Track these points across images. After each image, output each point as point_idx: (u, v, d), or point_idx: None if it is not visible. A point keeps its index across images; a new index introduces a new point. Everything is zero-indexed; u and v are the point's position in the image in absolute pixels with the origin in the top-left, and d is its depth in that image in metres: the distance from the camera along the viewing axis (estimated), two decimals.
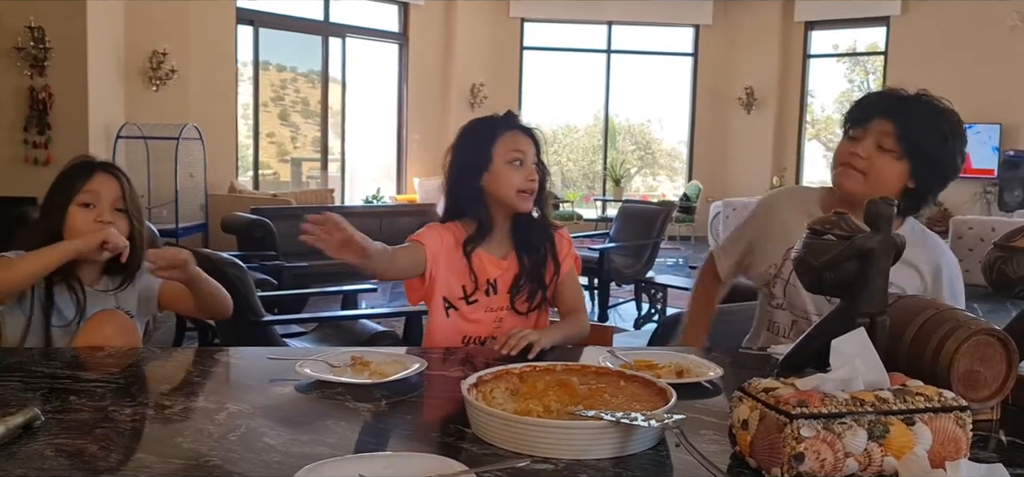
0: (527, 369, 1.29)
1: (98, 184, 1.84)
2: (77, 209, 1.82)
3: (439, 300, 1.89)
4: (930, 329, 1.23)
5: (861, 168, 1.77)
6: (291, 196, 8.28)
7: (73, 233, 1.81)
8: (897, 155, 1.75)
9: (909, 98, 1.79)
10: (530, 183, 1.87)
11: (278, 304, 4.34)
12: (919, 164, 1.76)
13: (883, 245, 1.20)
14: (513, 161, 1.87)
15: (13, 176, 6.45)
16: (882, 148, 1.76)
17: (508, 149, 1.87)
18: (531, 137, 1.92)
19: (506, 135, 1.89)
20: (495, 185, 1.87)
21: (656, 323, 5.59)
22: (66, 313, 1.81)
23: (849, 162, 1.79)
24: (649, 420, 1.06)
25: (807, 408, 0.99)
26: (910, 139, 1.74)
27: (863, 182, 1.77)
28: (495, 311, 1.91)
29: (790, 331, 1.88)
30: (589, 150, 13.93)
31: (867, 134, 1.77)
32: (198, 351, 1.69)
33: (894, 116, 1.75)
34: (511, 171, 1.86)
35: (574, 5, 11.39)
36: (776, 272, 1.91)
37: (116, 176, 1.89)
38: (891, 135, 1.74)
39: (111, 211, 1.84)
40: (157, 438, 1.17)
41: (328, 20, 9.93)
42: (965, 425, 1.03)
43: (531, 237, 1.94)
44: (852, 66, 12.41)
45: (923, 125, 1.74)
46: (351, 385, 1.38)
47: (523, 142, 1.89)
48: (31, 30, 6.61)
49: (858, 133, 1.79)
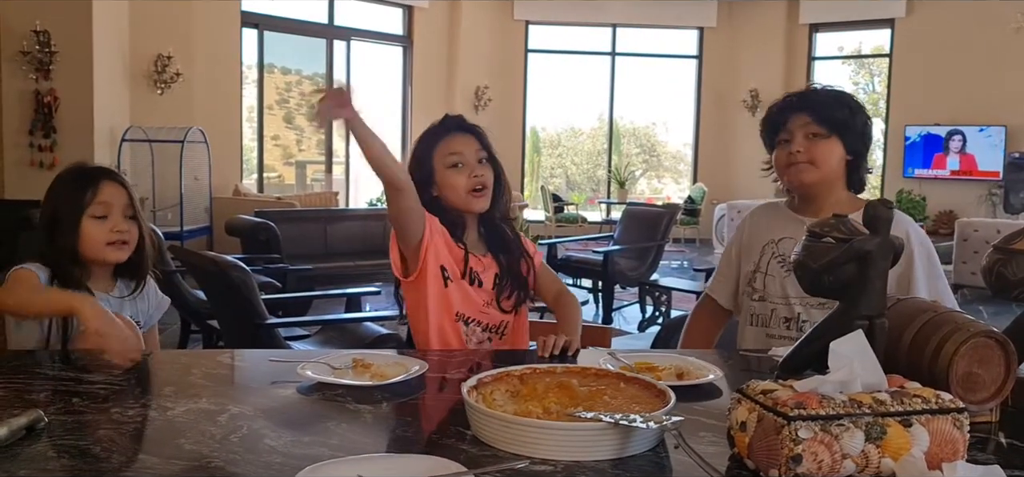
0: (527, 371, 1.30)
1: (108, 194, 1.85)
2: (90, 221, 1.82)
3: (437, 269, 1.84)
4: (929, 331, 1.24)
5: (806, 159, 1.90)
6: (295, 199, 8.31)
7: (89, 245, 1.82)
8: (825, 135, 1.90)
9: (809, 90, 2.00)
10: (475, 180, 1.86)
11: (282, 307, 4.35)
12: (846, 137, 1.91)
13: (881, 247, 1.21)
14: (452, 165, 1.86)
15: (19, 179, 6.49)
16: (812, 136, 1.90)
17: (444, 154, 1.88)
18: (472, 134, 1.91)
19: (442, 141, 1.89)
20: (444, 192, 1.88)
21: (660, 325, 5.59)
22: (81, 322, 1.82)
23: (792, 160, 1.92)
24: (648, 422, 1.07)
25: (805, 410, 0.99)
26: (829, 118, 1.89)
27: (813, 170, 1.91)
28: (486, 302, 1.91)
29: (770, 319, 1.96)
30: (593, 153, 13.94)
31: (793, 132, 1.92)
32: (200, 353, 1.70)
33: (806, 107, 1.92)
34: (453, 175, 1.86)
35: (578, 8, 11.40)
36: (755, 268, 2.01)
37: (122, 183, 1.90)
38: (812, 122, 1.90)
39: (123, 219, 1.85)
40: (159, 439, 1.18)
41: (332, 23, 9.96)
42: (962, 427, 1.03)
43: (503, 236, 1.94)
44: (857, 68, 12.39)
45: (832, 106, 1.91)
46: (352, 387, 1.39)
47: (459, 143, 1.88)
48: (37, 34, 6.65)
49: (785, 135, 1.94)
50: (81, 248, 1.82)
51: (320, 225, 7.11)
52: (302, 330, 3.85)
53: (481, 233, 1.94)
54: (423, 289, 1.85)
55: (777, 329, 1.93)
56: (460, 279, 1.86)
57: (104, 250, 1.83)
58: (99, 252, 1.83)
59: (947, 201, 9.88)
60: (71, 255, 1.82)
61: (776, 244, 1.97)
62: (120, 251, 1.85)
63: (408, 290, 1.89)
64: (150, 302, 1.96)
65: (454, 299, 1.86)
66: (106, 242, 1.82)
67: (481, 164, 1.89)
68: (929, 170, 10.09)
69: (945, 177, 9.96)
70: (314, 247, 6.75)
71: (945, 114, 9.78)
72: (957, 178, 9.98)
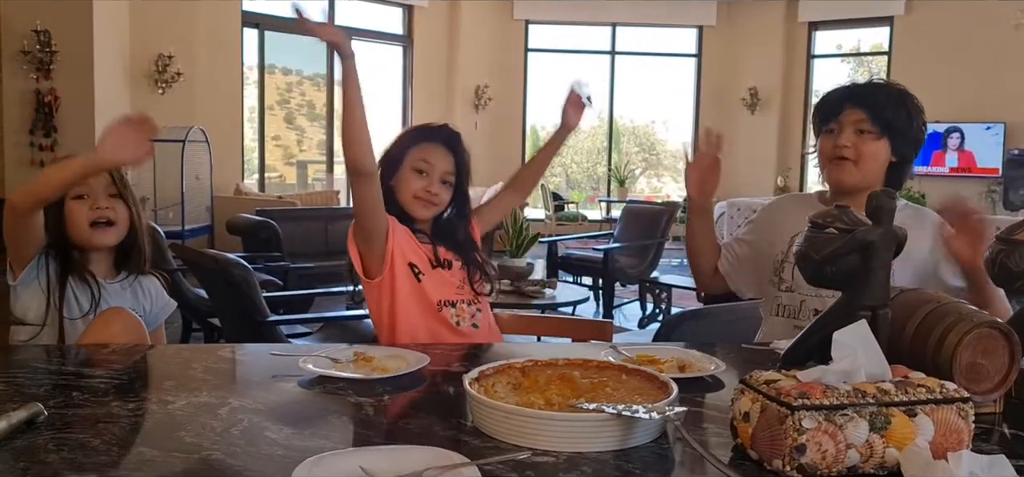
0: (529, 363, 1.29)
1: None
2: (73, 203, 1.84)
3: (405, 267, 1.85)
4: (932, 322, 1.23)
5: (851, 156, 1.88)
6: (297, 198, 8.30)
7: (74, 229, 1.84)
8: (876, 136, 1.88)
9: (872, 85, 1.94)
10: (427, 193, 1.88)
11: (283, 304, 4.35)
12: (896, 140, 1.89)
13: (884, 238, 1.20)
14: (417, 169, 1.89)
15: (19, 179, 6.47)
16: (861, 132, 1.88)
17: (417, 157, 1.90)
18: (454, 157, 1.92)
19: (423, 145, 1.92)
20: (397, 186, 1.90)
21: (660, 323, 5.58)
22: (83, 303, 1.82)
23: (838, 155, 1.89)
24: (650, 412, 1.06)
25: (809, 400, 0.98)
26: (883, 119, 1.87)
27: (855, 170, 1.89)
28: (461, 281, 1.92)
29: (799, 311, 1.93)
30: (593, 151, 13.93)
31: (843, 125, 1.89)
32: (201, 348, 1.69)
33: (863, 103, 1.88)
34: (412, 177, 1.89)
35: (578, 7, 11.40)
36: (783, 257, 1.97)
37: None
38: (866, 119, 1.87)
39: (105, 197, 1.85)
40: (159, 433, 1.17)
41: (333, 23, 9.92)
42: (967, 416, 1.03)
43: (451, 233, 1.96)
44: (856, 66, 12.37)
45: (890, 106, 1.88)
46: (354, 380, 1.39)
47: (436, 155, 1.90)
48: (37, 33, 6.64)
49: (834, 126, 1.92)
50: (69, 232, 1.83)
51: (321, 224, 7.11)
52: (303, 327, 3.85)
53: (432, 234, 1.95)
54: (391, 288, 1.84)
55: (806, 319, 1.88)
56: (432, 270, 1.87)
57: (88, 232, 1.84)
58: (84, 234, 1.84)
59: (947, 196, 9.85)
60: (65, 240, 1.84)
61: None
62: (105, 233, 1.85)
63: (373, 291, 1.87)
64: (155, 301, 1.95)
65: (430, 290, 1.86)
66: (88, 222, 1.83)
67: (443, 184, 1.91)
68: (928, 167, 10.08)
69: (944, 174, 9.95)
70: (315, 245, 6.74)
71: (944, 112, 9.76)
72: (956, 175, 9.97)
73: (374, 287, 1.85)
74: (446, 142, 1.93)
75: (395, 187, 1.90)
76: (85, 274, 1.84)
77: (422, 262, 1.87)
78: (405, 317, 1.84)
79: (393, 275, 1.84)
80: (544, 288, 4.75)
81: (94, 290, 1.83)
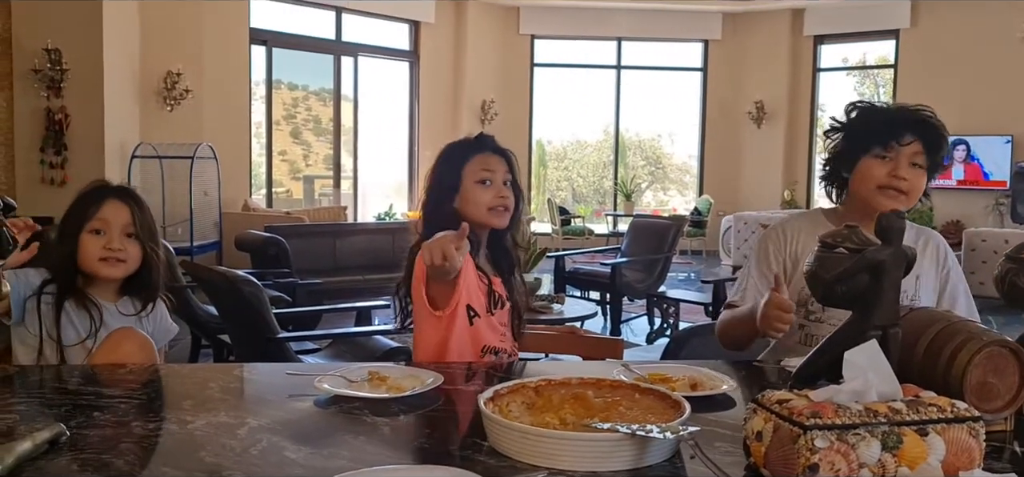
0: (542, 383, 1.31)
1: (108, 211, 1.88)
2: (88, 236, 1.86)
3: (462, 309, 1.84)
4: (942, 341, 1.24)
5: (906, 190, 1.83)
6: (304, 214, 8.34)
7: (85, 258, 1.86)
8: (923, 168, 1.85)
9: (929, 120, 1.87)
10: (500, 200, 1.89)
11: (292, 321, 4.36)
12: (932, 175, 1.87)
13: (894, 257, 1.21)
14: (481, 181, 1.89)
15: (30, 196, 6.53)
16: (914, 165, 1.84)
17: (477, 169, 1.90)
18: (503, 158, 1.94)
19: (476, 157, 1.92)
20: (465, 206, 1.89)
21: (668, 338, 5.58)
22: (80, 329, 1.84)
23: (894, 185, 1.82)
24: (665, 432, 1.08)
25: (821, 419, 1.00)
26: (935, 155, 1.84)
27: (905, 201, 1.84)
28: (503, 325, 1.93)
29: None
30: (599, 165, 13.95)
31: (900, 155, 1.82)
32: (217, 367, 1.72)
33: (923, 135, 1.83)
34: (479, 191, 1.89)
35: (584, 22, 11.45)
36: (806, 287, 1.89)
37: (126, 201, 1.91)
38: (921, 153, 1.83)
39: (121, 238, 1.87)
40: (180, 452, 1.19)
41: (340, 39, 10.02)
42: (978, 435, 1.04)
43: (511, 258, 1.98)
44: (862, 79, 12.39)
45: (941, 143, 1.86)
46: (369, 399, 1.40)
47: (493, 162, 1.92)
48: (48, 52, 6.71)
49: (890, 153, 1.83)
50: (79, 259, 1.87)
51: (329, 240, 7.14)
52: (313, 344, 3.86)
53: (488, 254, 1.97)
54: (450, 325, 1.83)
55: None
56: (486, 312, 1.88)
57: (97, 265, 1.87)
58: (92, 266, 1.87)
59: (954, 211, 9.86)
60: (71, 263, 1.86)
61: None
62: (114, 267, 1.88)
63: (430, 322, 1.84)
64: (157, 326, 1.97)
65: (483, 334, 1.87)
66: (98, 257, 1.86)
67: (506, 186, 1.92)
68: (935, 180, 10.06)
69: (951, 187, 9.94)
70: (323, 261, 6.77)
71: (951, 124, 9.63)
72: (963, 188, 9.96)
73: (433, 319, 1.82)
74: (493, 148, 1.95)
75: (461, 208, 1.89)
76: (86, 301, 1.86)
77: (478, 303, 1.87)
78: (456, 354, 1.83)
79: (455, 313, 1.82)
80: (552, 303, 4.77)
81: (94, 316, 1.85)
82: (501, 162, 1.93)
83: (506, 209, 1.90)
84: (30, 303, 1.83)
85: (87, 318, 1.84)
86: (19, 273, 1.84)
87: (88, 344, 1.81)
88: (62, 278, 1.86)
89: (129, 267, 1.89)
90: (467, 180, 1.90)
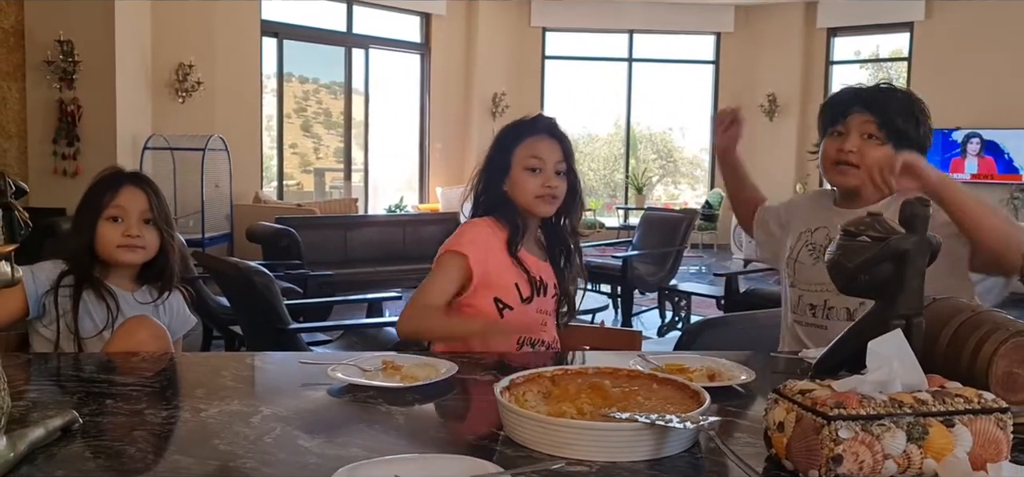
0: (559, 372, 1.29)
1: (125, 198, 1.87)
2: (106, 223, 1.86)
3: (490, 301, 1.82)
4: (967, 331, 1.22)
5: (855, 162, 1.87)
6: (315, 206, 8.35)
7: (103, 246, 1.86)
8: (881, 141, 1.86)
9: (881, 89, 1.93)
10: (547, 189, 1.84)
11: (303, 312, 4.36)
12: (902, 145, 1.84)
13: (918, 246, 1.19)
14: (530, 168, 1.84)
15: (43, 188, 6.55)
16: (867, 137, 1.87)
17: (526, 155, 1.85)
18: (558, 142, 1.88)
19: (527, 141, 1.87)
20: (513, 190, 1.86)
21: (680, 330, 5.56)
22: (97, 320, 1.83)
23: (842, 159, 1.89)
24: (684, 422, 1.06)
25: (845, 410, 0.98)
26: (891, 126, 1.86)
27: (858, 174, 1.87)
28: (544, 313, 1.88)
29: (797, 305, 1.96)
30: (610, 158, 13.90)
31: (850, 128, 1.88)
32: (229, 356, 1.71)
33: (872, 107, 1.87)
34: (527, 177, 1.84)
35: (595, 14, 11.40)
36: (790, 254, 2.01)
37: (143, 188, 1.91)
38: (873, 123, 1.86)
39: (139, 224, 1.87)
40: (193, 440, 1.18)
41: (351, 32, 10.01)
42: (1006, 427, 1.02)
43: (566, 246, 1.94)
44: (875, 72, 12.30)
45: (899, 112, 1.87)
46: (383, 389, 1.39)
47: (544, 148, 1.85)
48: (60, 44, 6.72)
49: (841, 128, 1.90)
50: (97, 247, 1.86)
51: (340, 231, 7.14)
52: (324, 335, 3.86)
53: (540, 239, 1.93)
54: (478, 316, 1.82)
55: (804, 316, 1.94)
56: (520, 303, 1.83)
57: (115, 251, 1.87)
58: (111, 253, 1.87)
59: None
60: (88, 252, 1.86)
61: (811, 233, 1.98)
62: (133, 253, 1.88)
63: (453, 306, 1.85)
64: (174, 316, 1.96)
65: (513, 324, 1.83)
66: (117, 244, 1.86)
67: (558, 175, 1.86)
68: (947, 173, 9.99)
69: (965, 181, 9.85)
70: (334, 253, 6.77)
71: (966, 117, 9.68)
72: (977, 181, 9.87)
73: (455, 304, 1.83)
74: (548, 131, 1.89)
75: (510, 192, 1.86)
76: (102, 290, 1.85)
77: (510, 296, 1.83)
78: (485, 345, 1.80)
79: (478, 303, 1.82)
80: None
81: (111, 306, 1.84)
82: (554, 148, 1.87)
83: (554, 198, 1.85)
84: (48, 298, 1.83)
85: (104, 309, 1.84)
86: (33, 268, 1.83)
87: (105, 335, 1.81)
88: (79, 268, 1.86)
89: (148, 253, 1.89)
90: (516, 165, 1.86)
